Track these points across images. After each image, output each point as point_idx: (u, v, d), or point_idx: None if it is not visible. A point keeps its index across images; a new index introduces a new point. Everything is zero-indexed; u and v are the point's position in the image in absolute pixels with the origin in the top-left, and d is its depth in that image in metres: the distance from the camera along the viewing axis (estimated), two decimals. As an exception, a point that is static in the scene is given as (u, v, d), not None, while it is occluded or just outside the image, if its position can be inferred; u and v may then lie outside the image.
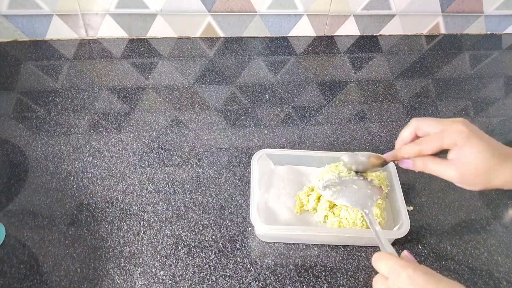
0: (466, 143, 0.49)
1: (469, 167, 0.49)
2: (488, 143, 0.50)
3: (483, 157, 0.49)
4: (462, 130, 0.50)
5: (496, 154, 0.49)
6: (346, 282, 0.58)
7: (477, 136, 0.50)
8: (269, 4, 0.91)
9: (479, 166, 0.49)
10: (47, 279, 0.55)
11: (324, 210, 0.61)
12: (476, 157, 0.49)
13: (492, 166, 0.49)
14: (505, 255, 0.62)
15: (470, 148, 0.49)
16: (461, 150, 0.49)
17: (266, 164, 0.67)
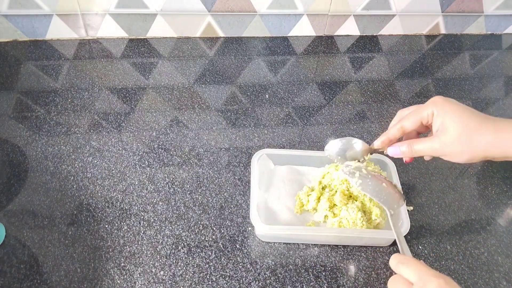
0: (442, 110, 0.50)
1: (450, 133, 0.50)
2: (464, 108, 0.51)
3: (461, 121, 0.49)
4: (437, 100, 0.52)
5: (474, 117, 0.50)
6: (346, 282, 0.58)
7: (452, 103, 0.51)
8: (269, 4, 0.91)
9: (458, 130, 0.49)
10: (47, 279, 0.55)
11: (324, 210, 0.61)
12: (453, 122, 0.49)
13: (471, 128, 0.49)
14: (505, 255, 0.62)
15: (447, 114, 0.50)
16: (439, 118, 0.51)
17: (266, 164, 0.67)
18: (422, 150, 0.53)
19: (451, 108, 0.51)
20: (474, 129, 0.49)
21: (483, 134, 0.49)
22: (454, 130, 0.50)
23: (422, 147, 0.52)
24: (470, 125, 0.49)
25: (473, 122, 0.49)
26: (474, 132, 0.49)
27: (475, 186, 0.71)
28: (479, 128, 0.49)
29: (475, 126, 0.49)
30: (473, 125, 0.49)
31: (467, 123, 0.49)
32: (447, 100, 0.52)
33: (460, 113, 0.50)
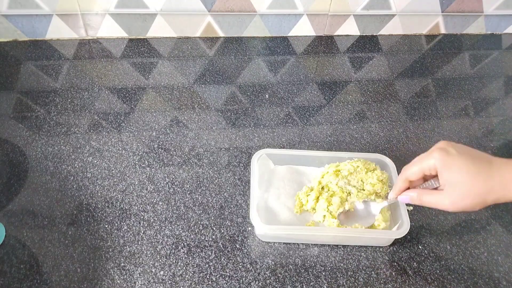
0: (445, 165, 0.49)
1: (458, 188, 0.49)
2: (468, 159, 0.49)
3: (468, 176, 0.48)
4: (438, 153, 0.50)
5: (481, 168, 0.48)
6: (346, 282, 0.58)
7: (454, 156, 0.49)
8: (269, 4, 0.91)
9: (467, 187, 0.48)
10: (47, 279, 0.55)
11: (323, 210, 0.61)
12: (461, 177, 0.48)
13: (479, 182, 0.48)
14: (505, 255, 0.62)
15: (452, 169, 0.49)
16: (444, 173, 0.50)
17: (266, 164, 0.67)
18: (431, 203, 0.52)
19: (454, 161, 0.49)
20: (481, 185, 0.48)
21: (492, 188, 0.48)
22: (461, 188, 0.49)
23: (431, 200, 0.52)
24: (476, 181, 0.48)
25: (479, 176, 0.48)
26: (481, 187, 0.48)
27: (475, 186, 0.71)
28: (486, 183, 0.48)
29: (482, 181, 0.48)
30: (481, 181, 0.48)
31: (473, 179, 0.48)
32: (447, 152, 0.50)
33: (465, 167, 0.49)
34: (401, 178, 0.56)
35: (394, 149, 0.76)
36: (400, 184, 0.56)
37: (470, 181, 0.48)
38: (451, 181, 0.49)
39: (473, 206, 0.49)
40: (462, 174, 0.48)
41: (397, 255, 0.61)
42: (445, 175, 0.50)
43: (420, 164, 0.52)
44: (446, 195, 0.50)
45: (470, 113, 0.85)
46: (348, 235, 0.59)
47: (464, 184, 0.48)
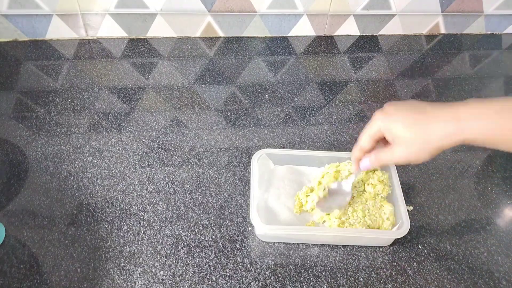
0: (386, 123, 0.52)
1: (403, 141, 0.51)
2: (406, 110, 0.52)
3: (407, 125, 0.51)
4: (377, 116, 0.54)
5: (419, 115, 0.51)
6: (346, 282, 0.58)
7: (390, 112, 0.53)
8: (269, 4, 0.91)
9: (408, 135, 0.50)
10: (47, 279, 0.55)
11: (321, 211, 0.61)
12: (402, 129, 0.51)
13: (420, 128, 0.50)
14: (505, 255, 0.62)
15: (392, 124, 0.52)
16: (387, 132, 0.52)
17: (266, 164, 0.67)
18: (386, 159, 0.54)
19: (391, 118, 0.52)
20: (420, 130, 0.50)
21: (431, 130, 0.49)
22: (403, 139, 0.51)
23: (385, 157, 0.54)
24: (415, 128, 0.50)
25: (417, 123, 0.50)
26: (421, 133, 0.50)
27: (475, 186, 0.71)
28: (425, 127, 0.50)
29: (420, 127, 0.50)
30: (419, 127, 0.50)
31: (412, 128, 0.50)
32: (385, 112, 0.54)
33: (401, 120, 0.51)
34: (355, 148, 0.58)
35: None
36: (356, 153, 0.58)
37: (408, 133, 0.50)
38: (394, 137, 0.52)
39: (418, 156, 0.51)
40: (400, 129, 0.51)
41: (397, 255, 0.61)
42: (388, 134, 0.53)
43: (368, 130, 0.55)
44: (394, 149, 0.52)
45: (470, 113, 0.85)
46: (348, 235, 0.59)
47: (404, 137, 0.51)
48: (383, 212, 0.62)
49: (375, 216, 0.61)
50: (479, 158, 0.76)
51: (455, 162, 0.75)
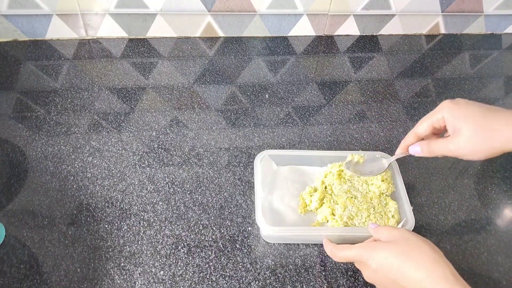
0: (451, 114, 0.51)
1: (464, 134, 0.50)
2: (474, 107, 0.50)
3: (473, 120, 0.49)
4: (445, 105, 0.52)
5: (486, 114, 0.49)
6: (346, 282, 0.58)
7: (461, 105, 0.51)
8: (269, 4, 0.91)
9: (471, 131, 0.49)
10: (47, 279, 0.55)
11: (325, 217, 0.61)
12: (465, 123, 0.49)
13: (484, 126, 0.49)
14: (505, 255, 0.62)
15: (458, 117, 0.50)
16: (450, 122, 0.51)
17: (268, 165, 0.67)
18: (439, 150, 0.53)
19: (460, 110, 0.51)
20: (487, 127, 0.49)
21: (499, 130, 0.48)
22: (467, 131, 0.50)
23: (437, 147, 0.53)
24: (482, 123, 0.49)
25: (485, 119, 0.49)
26: (487, 129, 0.49)
27: (475, 186, 0.71)
28: (493, 125, 0.49)
29: (488, 123, 0.49)
30: (486, 123, 0.49)
31: (479, 122, 0.49)
32: (455, 102, 0.52)
33: (471, 113, 0.50)
34: (411, 133, 0.57)
35: (394, 149, 0.76)
36: (409, 138, 0.57)
37: (475, 125, 0.49)
38: (458, 127, 0.50)
39: (475, 153, 0.50)
40: (468, 120, 0.49)
41: (397, 255, 0.61)
42: (451, 122, 0.51)
43: (429, 118, 0.54)
44: (453, 140, 0.51)
45: (470, 113, 0.85)
46: (355, 234, 0.59)
47: (469, 129, 0.49)
48: (388, 210, 0.62)
49: (381, 214, 0.61)
50: (479, 158, 0.76)
51: (455, 162, 0.75)
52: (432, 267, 0.45)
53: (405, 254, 0.47)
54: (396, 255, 0.47)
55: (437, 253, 0.47)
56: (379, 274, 0.49)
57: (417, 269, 0.45)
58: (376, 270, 0.49)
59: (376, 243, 0.51)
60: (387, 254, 0.48)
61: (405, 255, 0.47)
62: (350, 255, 0.52)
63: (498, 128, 0.48)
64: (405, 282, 0.46)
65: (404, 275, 0.46)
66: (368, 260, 0.50)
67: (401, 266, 0.46)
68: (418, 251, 0.47)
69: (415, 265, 0.46)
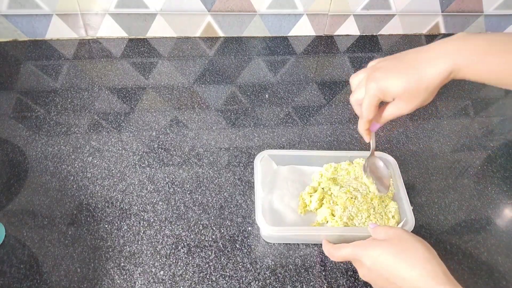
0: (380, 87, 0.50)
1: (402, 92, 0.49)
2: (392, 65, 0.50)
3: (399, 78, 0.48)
4: (368, 81, 0.51)
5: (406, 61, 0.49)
6: (346, 282, 0.58)
7: (381, 73, 0.50)
8: (269, 4, 0.91)
9: (405, 85, 0.48)
10: (47, 279, 0.55)
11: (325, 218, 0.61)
12: (395, 84, 0.49)
13: (412, 72, 0.48)
14: (505, 255, 0.62)
15: (386, 85, 0.49)
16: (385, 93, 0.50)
17: (268, 165, 0.67)
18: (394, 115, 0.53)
19: (384, 79, 0.50)
20: (417, 74, 0.48)
21: (427, 71, 0.48)
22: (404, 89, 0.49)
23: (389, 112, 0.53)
24: (411, 74, 0.48)
25: (412, 69, 0.48)
26: (419, 76, 0.48)
27: (475, 186, 0.71)
28: (420, 68, 0.48)
29: (416, 70, 0.48)
30: (414, 70, 0.48)
31: (408, 74, 0.49)
32: (374, 75, 0.51)
33: (395, 73, 0.49)
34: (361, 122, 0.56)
35: (394, 149, 0.76)
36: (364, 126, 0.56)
37: (406, 84, 0.48)
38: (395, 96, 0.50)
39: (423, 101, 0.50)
40: (397, 86, 0.49)
41: (397, 255, 0.61)
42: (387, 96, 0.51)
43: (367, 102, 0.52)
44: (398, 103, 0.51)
45: (470, 113, 0.85)
46: (355, 234, 0.59)
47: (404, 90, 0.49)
48: (388, 210, 0.62)
49: (381, 214, 0.61)
50: (479, 158, 0.76)
51: (455, 162, 0.75)
52: (424, 266, 0.45)
53: (399, 253, 0.47)
54: (389, 254, 0.48)
55: (430, 252, 0.47)
56: (373, 272, 0.49)
57: (409, 268, 0.46)
58: (370, 268, 0.49)
59: (370, 241, 0.51)
60: (381, 252, 0.48)
61: (398, 254, 0.47)
62: (346, 254, 0.53)
63: (424, 72, 0.48)
64: (398, 280, 0.46)
65: (397, 273, 0.47)
66: (362, 258, 0.50)
67: (394, 264, 0.47)
68: (411, 250, 0.47)
69: (407, 263, 0.46)
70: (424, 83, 0.48)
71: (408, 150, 0.76)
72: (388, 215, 0.61)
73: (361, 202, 0.62)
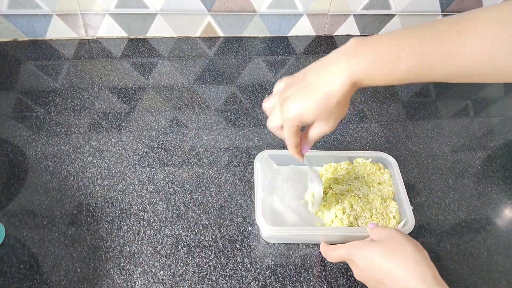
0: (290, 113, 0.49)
1: (314, 115, 0.48)
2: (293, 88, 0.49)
3: (302, 100, 0.47)
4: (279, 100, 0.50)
5: (302, 79, 0.48)
6: (346, 282, 0.58)
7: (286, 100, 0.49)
8: (269, 4, 0.91)
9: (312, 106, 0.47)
10: (47, 279, 0.55)
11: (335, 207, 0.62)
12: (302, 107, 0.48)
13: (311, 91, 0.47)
14: (505, 255, 0.62)
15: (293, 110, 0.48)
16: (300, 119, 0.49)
17: (268, 165, 0.67)
18: (320, 135, 0.51)
19: (288, 104, 0.49)
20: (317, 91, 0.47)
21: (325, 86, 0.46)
22: (313, 111, 0.48)
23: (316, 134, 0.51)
24: (312, 93, 0.47)
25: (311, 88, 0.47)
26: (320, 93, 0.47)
27: (475, 186, 0.71)
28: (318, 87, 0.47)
29: (314, 88, 0.47)
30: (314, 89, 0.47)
31: (309, 94, 0.47)
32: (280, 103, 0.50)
33: (295, 96, 0.48)
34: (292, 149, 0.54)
35: (394, 149, 0.76)
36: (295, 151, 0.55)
37: (313, 104, 0.47)
38: (310, 120, 0.49)
39: (338, 116, 0.48)
40: (306, 109, 0.48)
41: (397, 255, 0.61)
42: (304, 120, 0.49)
43: (291, 132, 0.51)
44: (318, 125, 0.50)
45: (470, 113, 0.85)
46: (357, 234, 0.59)
47: (314, 112, 0.48)
48: (389, 211, 0.62)
49: (382, 215, 0.61)
50: (479, 158, 0.76)
51: (455, 162, 0.75)
52: (414, 267, 0.46)
53: (389, 253, 0.48)
54: (380, 255, 0.48)
55: (421, 254, 0.47)
56: (366, 272, 0.50)
57: (399, 269, 0.46)
58: (363, 268, 0.50)
59: (364, 242, 0.52)
60: (373, 253, 0.49)
61: (389, 254, 0.48)
62: (341, 254, 0.53)
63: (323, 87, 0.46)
64: (389, 281, 0.47)
65: (387, 274, 0.47)
66: (356, 258, 0.51)
67: (385, 265, 0.47)
68: (401, 251, 0.48)
69: (397, 264, 0.47)
70: (332, 100, 0.46)
71: (408, 150, 0.76)
72: (389, 215, 0.61)
73: (364, 202, 0.62)
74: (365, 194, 0.63)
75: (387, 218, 0.61)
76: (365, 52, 0.45)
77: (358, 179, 0.66)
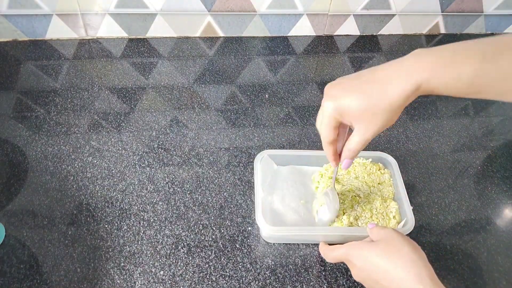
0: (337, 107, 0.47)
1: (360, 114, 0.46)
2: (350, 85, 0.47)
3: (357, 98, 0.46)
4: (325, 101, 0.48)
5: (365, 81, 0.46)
6: (346, 282, 0.58)
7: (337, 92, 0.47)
8: (269, 4, 0.91)
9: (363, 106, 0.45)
10: (47, 279, 0.55)
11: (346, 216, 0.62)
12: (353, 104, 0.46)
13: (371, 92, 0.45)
14: (505, 255, 0.62)
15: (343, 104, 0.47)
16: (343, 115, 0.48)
17: (268, 165, 0.67)
18: (360, 145, 0.49)
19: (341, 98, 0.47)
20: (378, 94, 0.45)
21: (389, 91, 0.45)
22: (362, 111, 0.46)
23: (357, 144, 0.49)
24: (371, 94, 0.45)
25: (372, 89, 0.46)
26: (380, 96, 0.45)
27: (475, 186, 0.71)
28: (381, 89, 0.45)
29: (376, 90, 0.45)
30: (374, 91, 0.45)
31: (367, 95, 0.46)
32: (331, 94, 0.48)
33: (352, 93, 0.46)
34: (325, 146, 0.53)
35: (394, 148, 0.76)
36: (329, 150, 0.53)
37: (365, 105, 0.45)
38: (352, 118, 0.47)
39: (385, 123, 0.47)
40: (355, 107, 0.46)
41: (397, 255, 0.61)
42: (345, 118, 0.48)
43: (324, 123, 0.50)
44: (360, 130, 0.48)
45: (470, 113, 0.85)
46: (358, 234, 0.59)
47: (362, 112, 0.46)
48: (389, 211, 0.62)
49: (382, 215, 0.61)
50: (479, 158, 0.76)
51: (455, 162, 0.75)
52: (410, 268, 0.46)
53: (386, 254, 0.48)
54: (377, 255, 0.48)
55: (417, 254, 0.47)
56: (364, 272, 0.50)
57: (396, 269, 0.46)
58: (361, 268, 0.50)
59: (362, 242, 0.52)
60: (370, 253, 0.49)
61: (386, 255, 0.48)
62: (339, 255, 0.53)
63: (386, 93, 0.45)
64: (386, 281, 0.47)
65: (384, 274, 0.47)
66: (353, 259, 0.51)
67: (382, 266, 0.47)
68: (398, 252, 0.48)
69: (394, 265, 0.47)
70: (386, 100, 0.44)
71: (408, 150, 0.76)
72: (389, 215, 0.61)
73: (365, 202, 0.62)
74: (365, 194, 0.63)
75: (387, 218, 0.61)
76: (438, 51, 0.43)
77: (358, 179, 0.66)
